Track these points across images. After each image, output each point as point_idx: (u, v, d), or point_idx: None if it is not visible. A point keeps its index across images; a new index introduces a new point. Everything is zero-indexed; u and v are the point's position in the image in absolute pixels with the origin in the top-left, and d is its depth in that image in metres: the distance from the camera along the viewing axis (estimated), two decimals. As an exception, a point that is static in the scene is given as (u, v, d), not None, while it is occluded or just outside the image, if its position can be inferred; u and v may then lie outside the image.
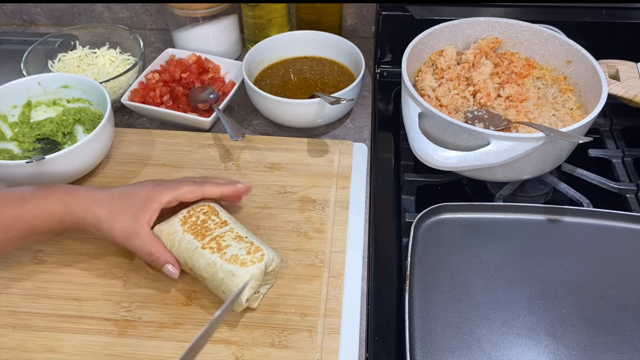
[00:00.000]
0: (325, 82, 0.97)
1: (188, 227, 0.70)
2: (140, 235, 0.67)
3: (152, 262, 0.68)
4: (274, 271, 0.69)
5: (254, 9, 1.04)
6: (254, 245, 0.68)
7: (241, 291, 0.63)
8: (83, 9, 1.18)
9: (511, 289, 0.70)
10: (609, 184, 0.83)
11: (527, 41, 0.90)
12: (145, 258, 0.69)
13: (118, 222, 0.67)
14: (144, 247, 0.67)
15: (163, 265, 0.68)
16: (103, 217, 0.67)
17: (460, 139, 0.74)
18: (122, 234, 0.67)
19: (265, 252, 0.67)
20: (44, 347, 0.66)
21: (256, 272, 0.65)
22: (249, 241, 0.69)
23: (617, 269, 0.71)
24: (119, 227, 0.67)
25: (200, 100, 0.93)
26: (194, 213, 0.71)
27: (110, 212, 0.67)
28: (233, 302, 0.63)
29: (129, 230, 0.67)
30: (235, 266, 0.65)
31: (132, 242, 0.67)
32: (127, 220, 0.67)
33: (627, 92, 0.84)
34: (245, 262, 0.66)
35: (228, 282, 0.65)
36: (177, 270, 0.69)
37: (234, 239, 0.69)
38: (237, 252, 0.67)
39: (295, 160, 0.88)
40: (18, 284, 0.72)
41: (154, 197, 0.69)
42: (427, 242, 0.74)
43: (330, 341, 0.66)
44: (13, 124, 0.88)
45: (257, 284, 0.66)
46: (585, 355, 0.64)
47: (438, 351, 0.64)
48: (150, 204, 0.68)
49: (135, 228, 0.67)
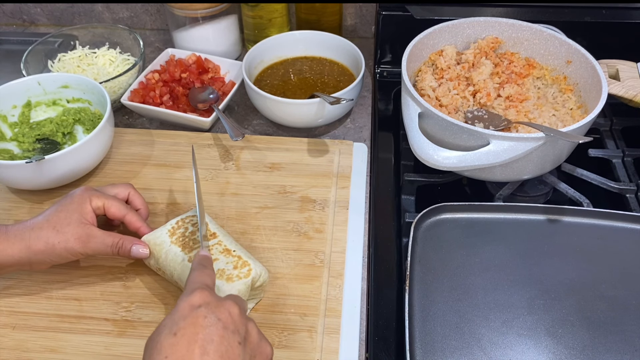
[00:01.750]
0: (325, 82, 0.97)
1: (176, 238, 0.69)
2: (95, 234, 0.67)
3: (120, 252, 0.67)
4: (262, 286, 0.68)
5: (254, 9, 1.04)
6: (242, 259, 0.67)
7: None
8: (83, 9, 1.18)
9: (511, 289, 0.70)
10: (609, 184, 0.83)
11: (527, 41, 0.90)
12: (109, 252, 0.67)
13: (67, 233, 0.65)
14: (106, 241, 0.67)
15: (130, 248, 0.67)
16: (50, 236, 0.65)
17: (460, 139, 0.74)
18: (77, 242, 0.66)
19: (252, 267, 0.66)
20: (44, 347, 0.66)
21: (242, 288, 0.64)
22: (237, 255, 0.67)
23: (617, 269, 0.71)
24: (72, 237, 0.66)
25: (200, 100, 0.93)
26: (183, 224, 0.70)
27: (54, 228, 0.65)
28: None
29: (82, 235, 0.66)
30: (221, 281, 0.64)
31: (91, 244, 0.66)
32: (75, 228, 0.66)
33: (627, 92, 0.84)
34: (231, 277, 0.65)
35: None
36: (146, 248, 0.68)
37: (222, 252, 0.68)
38: (224, 266, 0.66)
39: (295, 160, 0.88)
40: (18, 284, 0.72)
41: (85, 199, 0.68)
42: (427, 242, 0.74)
43: (330, 341, 0.66)
44: (13, 124, 0.88)
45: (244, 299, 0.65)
46: (585, 355, 0.64)
47: (438, 351, 0.64)
48: (86, 206, 0.68)
49: (86, 231, 0.66)
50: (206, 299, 0.52)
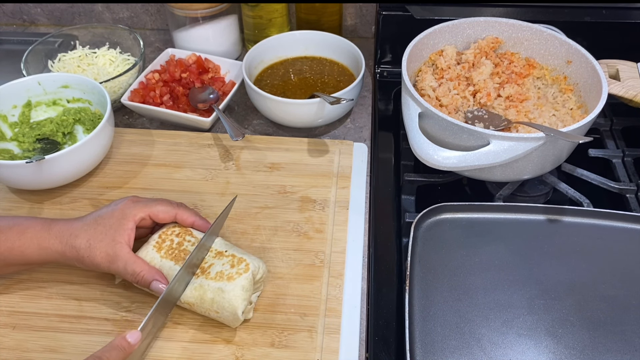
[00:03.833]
0: (325, 82, 0.97)
1: (164, 252, 0.68)
2: (122, 257, 0.66)
3: (139, 282, 0.66)
4: (262, 278, 0.68)
5: (254, 9, 1.04)
6: (236, 257, 0.67)
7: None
8: (83, 9, 1.18)
9: (511, 289, 0.70)
10: (609, 184, 0.83)
11: (527, 41, 0.90)
12: (130, 279, 0.67)
13: (97, 249, 0.65)
14: (128, 268, 0.66)
15: (150, 283, 0.66)
16: (82, 247, 0.65)
17: (460, 139, 0.74)
18: (103, 260, 0.66)
19: (249, 261, 0.66)
20: (44, 347, 0.66)
21: (245, 283, 0.64)
22: (230, 254, 0.68)
23: (617, 269, 0.71)
24: (99, 254, 0.65)
25: (200, 100, 0.93)
26: (167, 237, 0.70)
27: (88, 241, 0.66)
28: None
29: (109, 254, 0.66)
30: (223, 282, 0.64)
31: (115, 265, 0.66)
32: (106, 245, 0.66)
33: (627, 92, 0.84)
34: (231, 276, 0.65)
35: (219, 300, 0.64)
36: (165, 284, 0.66)
37: (215, 256, 0.68)
38: (221, 268, 0.66)
39: (295, 160, 0.88)
40: (18, 284, 0.72)
41: (128, 215, 0.67)
42: (427, 242, 0.74)
43: (330, 341, 0.66)
44: (13, 124, 0.88)
45: (249, 294, 0.65)
46: (585, 355, 0.64)
47: (438, 351, 0.64)
48: (126, 223, 0.67)
49: (115, 251, 0.66)
50: None
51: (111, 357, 0.57)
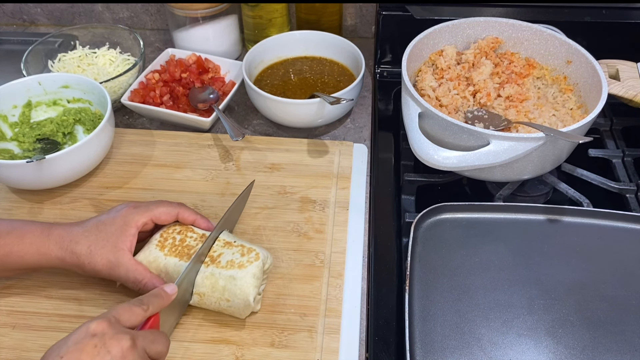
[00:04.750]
0: (325, 82, 0.97)
1: (168, 250, 0.68)
2: (124, 264, 0.65)
3: (140, 289, 0.66)
4: (268, 269, 0.69)
5: (254, 9, 1.04)
6: (245, 247, 0.68)
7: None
8: (83, 9, 1.18)
9: (511, 289, 0.70)
10: (609, 184, 0.83)
11: (527, 41, 0.90)
12: (131, 286, 0.67)
13: (98, 255, 0.65)
14: (129, 276, 0.66)
15: (151, 290, 0.65)
16: (82, 254, 0.65)
17: (460, 139, 0.74)
18: (104, 267, 0.65)
19: (258, 251, 0.67)
20: (44, 347, 0.65)
21: (256, 271, 0.65)
22: (239, 244, 0.68)
23: (617, 269, 0.71)
24: (100, 260, 0.65)
25: (200, 100, 0.93)
26: (168, 235, 0.70)
27: (88, 247, 0.65)
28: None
29: (111, 261, 0.65)
30: (234, 270, 0.65)
31: (116, 272, 0.66)
32: (108, 252, 0.65)
33: (627, 92, 0.84)
34: (242, 264, 0.66)
35: (231, 287, 0.64)
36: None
37: (223, 246, 0.68)
38: (232, 257, 0.66)
39: (295, 161, 0.88)
40: (18, 283, 0.72)
41: (130, 222, 0.67)
42: (427, 242, 0.74)
43: (330, 341, 0.66)
44: (13, 124, 0.88)
45: (259, 282, 0.66)
46: (585, 355, 0.64)
47: (438, 351, 0.64)
48: (128, 230, 0.67)
49: (117, 258, 0.65)
50: (104, 330, 0.52)
51: (151, 303, 0.58)
